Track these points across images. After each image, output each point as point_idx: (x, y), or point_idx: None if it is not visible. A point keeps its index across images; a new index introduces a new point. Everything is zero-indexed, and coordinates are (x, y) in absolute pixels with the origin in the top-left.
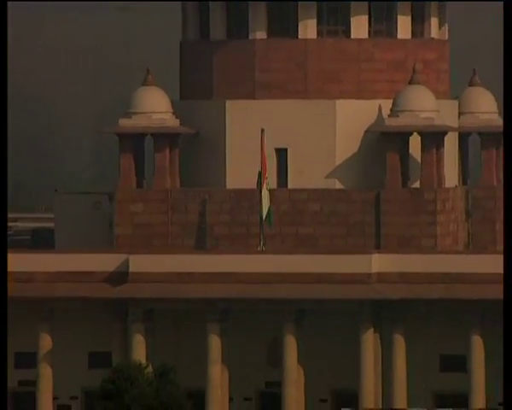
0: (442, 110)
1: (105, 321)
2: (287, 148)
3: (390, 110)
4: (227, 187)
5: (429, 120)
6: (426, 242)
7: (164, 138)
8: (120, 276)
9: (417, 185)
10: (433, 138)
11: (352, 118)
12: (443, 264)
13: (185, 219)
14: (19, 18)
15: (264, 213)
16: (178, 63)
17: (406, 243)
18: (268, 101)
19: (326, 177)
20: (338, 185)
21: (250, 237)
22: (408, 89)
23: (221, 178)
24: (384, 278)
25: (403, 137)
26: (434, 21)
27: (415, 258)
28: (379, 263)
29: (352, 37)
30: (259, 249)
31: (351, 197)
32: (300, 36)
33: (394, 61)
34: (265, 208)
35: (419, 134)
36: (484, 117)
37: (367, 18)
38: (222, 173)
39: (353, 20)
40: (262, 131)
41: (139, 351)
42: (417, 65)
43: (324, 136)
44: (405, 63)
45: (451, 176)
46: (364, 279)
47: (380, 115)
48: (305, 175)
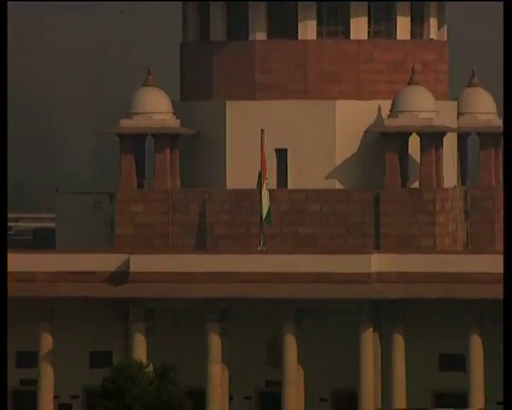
0: (441, 111)
1: (106, 321)
2: (287, 148)
3: (389, 111)
4: (227, 187)
5: (428, 121)
6: (425, 242)
7: (164, 139)
8: (121, 276)
9: (416, 185)
10: (432, 139)
11: (352, 118)
12: (442, 264)
13: (186, 219)
14: (19, 18)
15: (264, 213)
16: (179, 64)
17: (405, 243)
18: (268, 101)
19: (326, 177)
20: (337, 186)
21: (250, 237)
22: (407, 89)
23: (221, 178)
24: (383, 278)
25: (402, 137)
26: (433, 22)
27: (414, 258)
28: (378, 263)
29: (352, 38)
30: (259, 249)
31: (350, 197)
32: (300, 37)
33: (394, 62)
34: (265, 208)
35: (418, 134)
36: (483, 117)
37: (366, 19)
38: (222, 174)
39: (353, 21)
40: (262, 131)
41: (140, 350)
42: (416, 66)
43: (324, 136)
44: (405, 64)
45: (450, 176)
46: (364, 279)
47: (379, 116)
48: (305, 175)
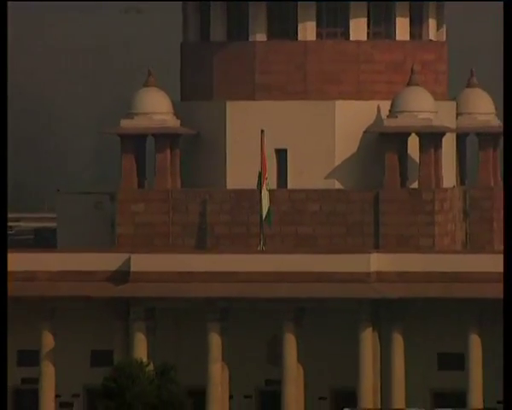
0: (440, 111)
1: (107, 320)
2: (286, 148)
3: (389, 111)
4: (227, 187)
5: (427, 121)
6: (424, 241)
7: (165, 139)
8: (122, 275)
9: (416, 186)
10: (432, 139)
11: (351, 119)
12: (441, 263)
13: (186, 218)
14: (19, 18)
15: (264, 213)
16: (179, 64)
17: (405, 243)
18: (268, 102)
19: (325, 177)
20: (337, 185)
21: (250, 237)
22: (406, 90)
23: (221, 178)
24: (383, 278)
25: (401, 137)
26: (432, 23)
27: (413, 257)
28: (378, 262)
29: (351, 38)
30: (259, 249)
31: (350, 197)
32: (300, 38)
33: (393, 63)
34: (265, 208)
35: (417, 135)
36: (481, 118)
37: (366, 20)
38: (222, 174)
39: (352, 22)
40: (262, 131)
41: (140, 349)
42: (416, 66)
43: (324, 136)
44: (404, 65)
45: (449, 176)
46: (363, 278)
47: (378, 116)
48: (305, 175)
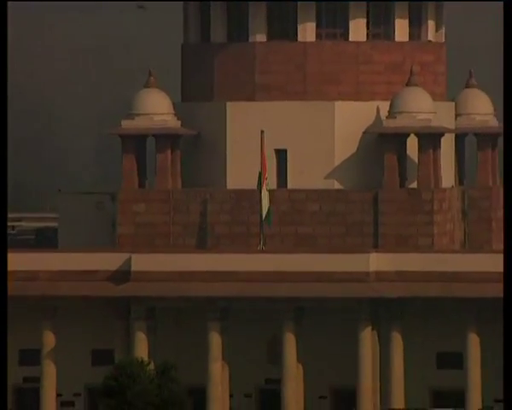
0: (439, 112)
1: (107, 319)
2: (286, 149)
3: (388, 112)
4: (227, 187)
5: (426, 122)
6: (423, 241)
7: (165, 139)
8: (123, 275)
9: (415, 186)
10: (430, 139)
11: (351, 119)
12: (440, 263)
13: (186, 218)
14: (19, 18)
15: (263, 213)
16: (180, 65)
17: (404, 243)
18: (268, 102)
19: (325, 177)
20: (337, 186)
21: (250, 237)
22: (405, 91)
23: (222, 178)
24: (382, 277)
25: (400, 138)
26: (431, 24)
27: (412, 257)
28: (377, 262)
29: (351, 39)
30: (259, 249)
31: (349, 197)
32: (300, 38)
33: (392, 64)
34: (265, 208)
35: (416, 135)
36: (480, 118)
37: (365, 21)
38: (222, 174)
39: (352, 23)
40: (262, 132)
41: (141, 348)
42: (414, 67)
43: (323, 137)
44: (403, 65)
45: (448, 176)
46: (363, 278)
47: (378, 117)
48: (305, 176)
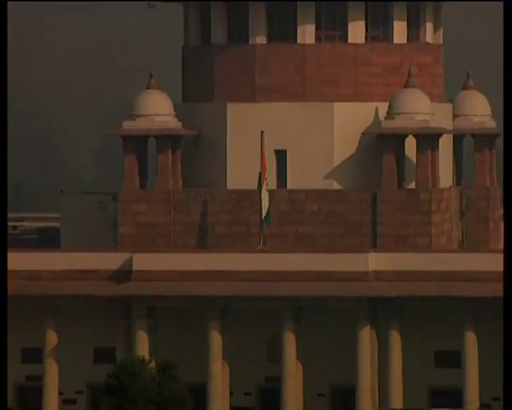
0: (437, 113)
1: (109, 318)
2: (286, 149)
3: (386, 113)
4: (228, 187)
5: (424, 123)
6: (421, 241)
7: (166, 140)
8: (124, 274)
9: (413, 186)
10: (428, 140)
11: (350, 120)
12: (438, 262)
13: (187, 218)
14: (19, 18)
15: (263, 213)
16: (180, 67)
17: (402, 242)
18: (267, 104)
19: (324, 177)
20: (336, 186)
21: (250, 237)
22: (404, 92)
23: (222, 178)
24: (380, 276)
25: (399, 139)
26: (429, 26)
27: (410, 256)
28: (375, 261)
29: (350, 41)
30: (259, 248)
31: (348, 197)
32: (299, 41)
33: (390, 65)
34: (265, 208)
35: (414, 136)
36: (477, 119)
37: (364, 23)
38: (223, 174)
39: (350, 26)
40: (262, 133)
41: (142, 347)
42: (413, 69)
43: (322, 138)
44: (401, 67)
45: (446, 177)
46: (361, 277)
47: (376, 118)
48: (304, 176)
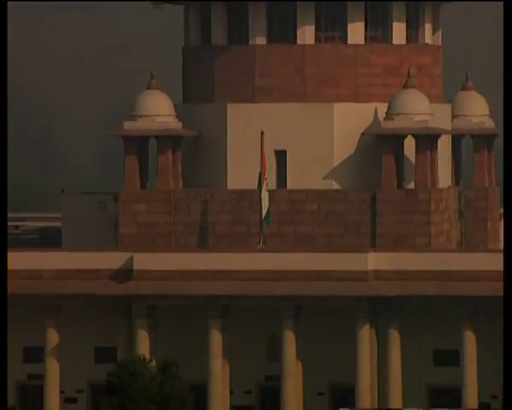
0: (436, 113)
1: (110, 317)
2: (286, 150)
3: (385, 113)
4: (228, 188)
5: (423, 123)
6: (420, 240)
7: (167, 141)
8: (125, 273)
9: (412, 186)
10: (427, 141)
11: (349, 121)
12: (437, 262)
13: (187, 218)
14: (19, 18)
15: (263, 212)
16: (181, 68)
17: (401, 242)
18: (267, 104)
19: (324, 178)
20: (335, 186)
21: (250, 236)
22: (403, 93)
23: (222, 178)
24: (380, 276)
25: (398, 139)
26: (428, 27)
27: (409, 256)
28: (375, 261)
29: (349, 42)
30: (259, 248)
31: (347, 197)
32: (299, 42)
33: (390, 66)
34: (265, 208)
35: (413, 136)
36: (476, 120)
37: (363, 24)
38: (223, 174)
39: (350, 27)
40: (262, 133)
41: (143, 346)
42: (412, 69)
43: (322, 138)
44: (400, 68)
45: (445, 177)
46: (361, 277)
47: (376, 118)
48: (304, 176)
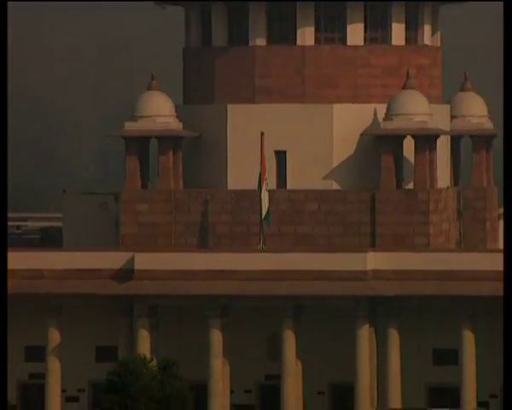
0: (435, 114)
1: (111, 317)
2: (286, 150)
3: (385, 114)
4: (228, 188)
5: (422, 124)
6: (419, 240)
7: (168, 141)
8: (126, 273)
9: (411, 186)
10: (426, 141)
11: (349, 121)
12: (436, 261)
13: (188, 218)
14: (19, 18)
15: (263, 213)
16: (181, 69)
17: (400, 242)
18: (267, 105)
19: (323, 178)
20: (335, 186)
21: (250, 236)
22: (402, 93)
23: (222, 179)
24: (379, 276)
25: (397, 139)
26: (427, 28)
27: (409, 256)
28: (374, 261)
29: (349, 43)
30: (259, 248)
31: (347, 198)
32: (299, 43)
33: (389, 67)
34: (265, 208)
35: (412, 137)
36: (475, 121)
37: (362, 25)
38: (223, 175)
39: (349, 28)
40: (262, 134)
41: (144, 345)
42: (411, 70)
43: (322, 139)
44: (399, 69)
45: (444, 177)
46: (360, 276)
47: (375, 119)
48: (304, 176)
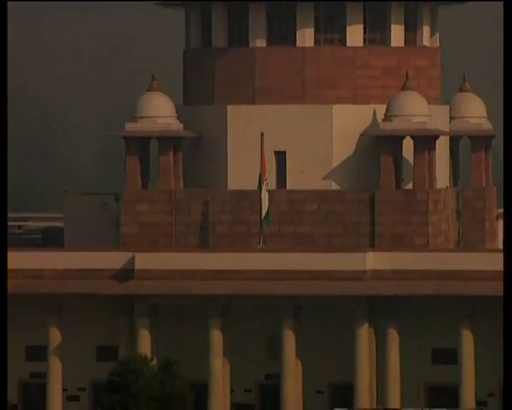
0: (434, 115)
1: (112, 316)
2: (285, 151)
3: (384, 115)
4: (228, 188)
5: (421, 125)
6: (418, 240)
7: (168, 142)
8: (126, 273)
9: (410, 187)
10: (425, 142)
11: (348, 122)
12: (435, 261)
13: (188, 218)
14: (19, 18)
15: (263, 213)
16: (182, 69)
17: (399, 242)
18: (267, 106)
19: (323, 178)
20: (334, 186)
21: (250, 236)
22: (401, 94)
23: (223, 179)
24: (378, 275)
25: (396, 140)
26: (426, 30)
27: (408, 256)
28: (373, 261)
29: (348, 45)
30: (259, 248)
31: (346, 198)
32: (298, 44)
33: (388, 68)
34: (265, 209)
35: (412, 138)
36: (474, 121)
37: (362, 27)
38: (223, 175)
39: (349, 29)
40: (262, 134)
41: (144, 345)
42: (410, 71)
43: (321, 139)
44: (399, 70)
45: (443, 178)
46: (359, 276)
47: (374, 120)
48: (303, 177)
